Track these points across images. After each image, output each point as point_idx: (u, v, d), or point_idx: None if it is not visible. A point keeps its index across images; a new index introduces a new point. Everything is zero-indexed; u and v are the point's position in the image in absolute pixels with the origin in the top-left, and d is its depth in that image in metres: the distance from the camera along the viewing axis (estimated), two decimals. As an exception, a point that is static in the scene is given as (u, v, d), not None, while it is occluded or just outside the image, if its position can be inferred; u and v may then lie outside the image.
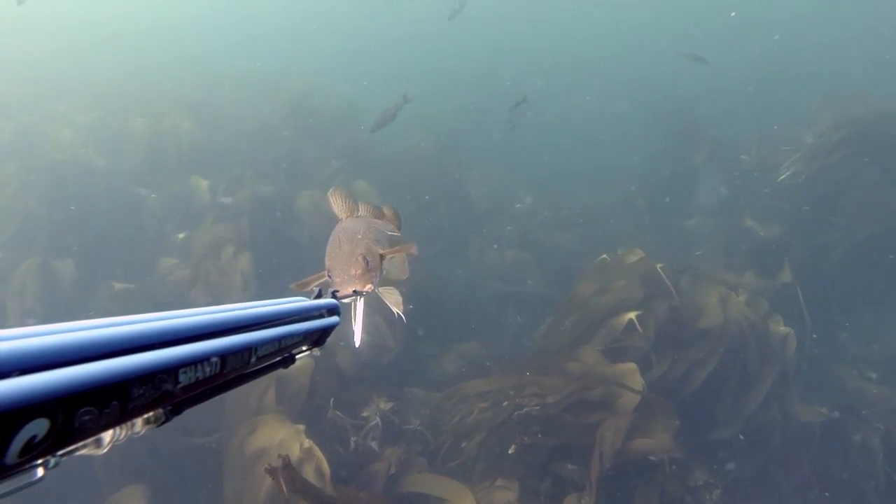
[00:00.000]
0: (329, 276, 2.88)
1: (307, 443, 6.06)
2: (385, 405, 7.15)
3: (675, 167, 13.00)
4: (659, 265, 7.62)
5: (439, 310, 9.30)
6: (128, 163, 10.58)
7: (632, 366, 6.65)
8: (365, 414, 7.02)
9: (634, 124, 15.32)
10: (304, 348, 1.36)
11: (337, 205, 3.12)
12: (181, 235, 9.60)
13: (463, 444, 6.59)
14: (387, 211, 3.29)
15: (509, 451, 6.23)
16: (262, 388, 6.75)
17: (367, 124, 10.35)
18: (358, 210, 3.24)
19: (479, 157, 13.96)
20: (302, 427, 6.20)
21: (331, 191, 3.21)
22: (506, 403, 6.38)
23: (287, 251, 9.26)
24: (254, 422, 6.37)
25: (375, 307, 8.71)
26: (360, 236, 2.91)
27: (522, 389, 6.60)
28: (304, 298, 1.45)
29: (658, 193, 12.74)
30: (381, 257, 2.92)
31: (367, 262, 2.78)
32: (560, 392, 6.38)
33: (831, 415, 7.42)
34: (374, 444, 6.76)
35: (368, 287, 2.85)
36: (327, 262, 2.86)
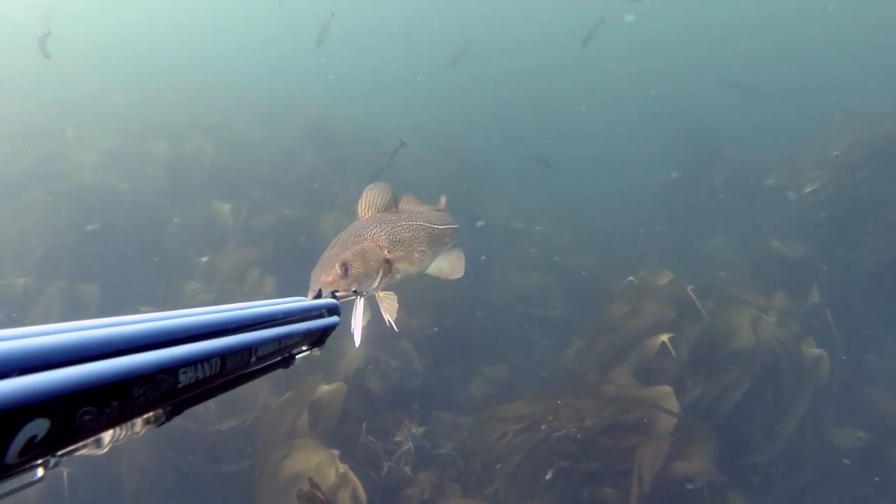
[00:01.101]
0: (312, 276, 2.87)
1: (342, 468, 6.01)
2: (416, 430, 7.09)
3: (695, 188, 13.02)
4: (689, 287, 7.59)
5: (463, 333, 9.27)
6: (150, 187, 10.62)
7: (667, 389, 6.59)
8: (397, 438, 6.95)
9: (653, 146, 15.37)
10: (304, 348, 1.37)
11: (364, 202, 3.05)
12: (204, 259, 9.59)
13: (498, 466, 6.51)
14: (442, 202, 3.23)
15: (547, 477, 6.16)
16: (295, 413, 6.71)
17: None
18: (394, 207, 3.15)
19: (498, 179, 13.99)
20: (336, 452, 6.15)
21: (369, 186, 3.16)
22: (543, 427, 6.30)
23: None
24: (288, 446, 6.32)
25: (400, 331, 8.70)
26: (360, 238, 2.86)
27: (557, 412, 6.54)
28: (303, 298, 1.46)
29: (679, 215, 12.75)
30: (388, 262, 2.87)
31: (346, 269, 2.74)
32: (598, 415, 6.32)
33: (867, 438, 7.34)
34: (407, 470, 6.70)
35: (340, 294, 2.80)
36: (319, 263, 2.84)
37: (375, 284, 2.91)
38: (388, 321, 2.99)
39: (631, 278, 8.39)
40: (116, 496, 6.72)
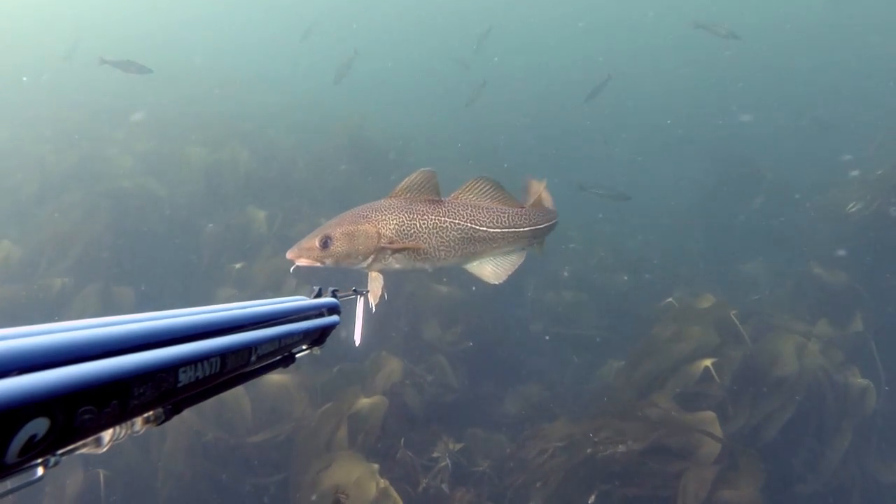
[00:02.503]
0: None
1: (382, 483, 5.96)
2: (454, 446, 7.02)
3: (731, 210, 12.94)
4: (732, 311, 7.50)
5: (497, 349, 9.22)
6: (186, 191, 10.65)
7: (710, 414, 6.49)
8: (434, 454, 6.89)
9: (689, 167, 15.31)
10: (303, 347, 1.39)
11: (404, 183, 2.96)
12: (238, 266, 9.58)
13: (538, 485, 6.43)
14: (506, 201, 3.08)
15: (590, 501, 6.07)
16: (333, 425, 6.66)
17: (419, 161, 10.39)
18: (434, 195, 3.01)
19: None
20: (376, 466, 6.10)
21: (417, 170, 3.06)
22: (586, 447, 6.21)
23: (349, 284, 9.23)
24: (328, 458, 6.28)
25: (437, 346, 8.68)
26: (363, 219, 2.82)
27: (599, 432, 6.46)
28: (303, 297, 1.45)
29: (713, 236, 12.66)
30: (383, 249, 2.82)
31: (326, 243, 2.72)
32: (642, 437, 6.23)
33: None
34: (444, 487, 6.63)
35: (303, 261, 2.79)
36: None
37: (362, 266, 2.88)
38: (372, 304, 2.94)
39: (670, 300, 8.31)
40: (151, 502, 6.69)
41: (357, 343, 2.02)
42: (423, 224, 2.91)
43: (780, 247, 11.59)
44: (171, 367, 0.84)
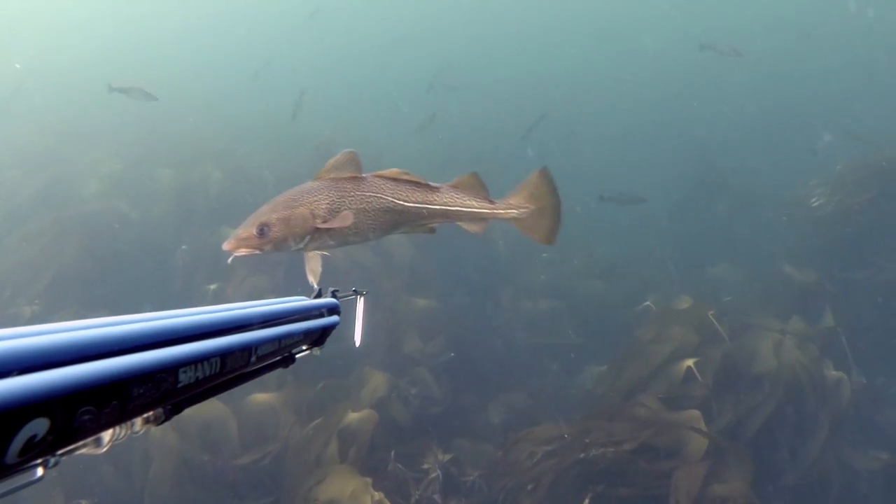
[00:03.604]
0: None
1: (377, 495, 5.94)
2: (443, 456, 7.02)
3: (700, 216, 13.23)
4: (710, 312, 7.67)
5: (478, 360, 9.25)
6: (156, 213, 10.49)
7: (696, 413, 6.62)
8: (424, 466, 6.88)
9: (655, 174, 15.61)
10: (303, 348, 1.39)
11: (329, 165, 3.02)
12: (213, 287, 9.46)
13: (529, 487, 6.45)
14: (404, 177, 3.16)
15: (585, 503, 6.11)
16: (323, 441, 6.62)
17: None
18: (359, 172, 3.08)
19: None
20: (369, 480, 6.07)
21: (342, 153, 3.13)
22: (582, 454, 6.27)
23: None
24: (321, 473, 6.22)
25: (419, 359, 8.68)
26: (295, 203, 2.88)
27: (588, 434, 6.52)
28: (303, 297, 1.47)
29: (682, 241, 12.93)
30: (318, 229, 2.89)
31: (262, 231, 2.78)
32: (631, 437, 6.31)
33: (888, 460, 7.41)
34: (436, 497, 6.62)
35: (242, 251, 2.86)
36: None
37: (300, 247, 2.95)
38: (311, 282, 3.00)
39: (648, 303, 8.46)
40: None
41: (357, 343, 1.98)
42: (351, 200, 2.98)
43: (747, 249, 11.90)
44: (172, 368, 0.85)
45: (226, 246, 2.89)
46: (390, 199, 3.01)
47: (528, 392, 8.82)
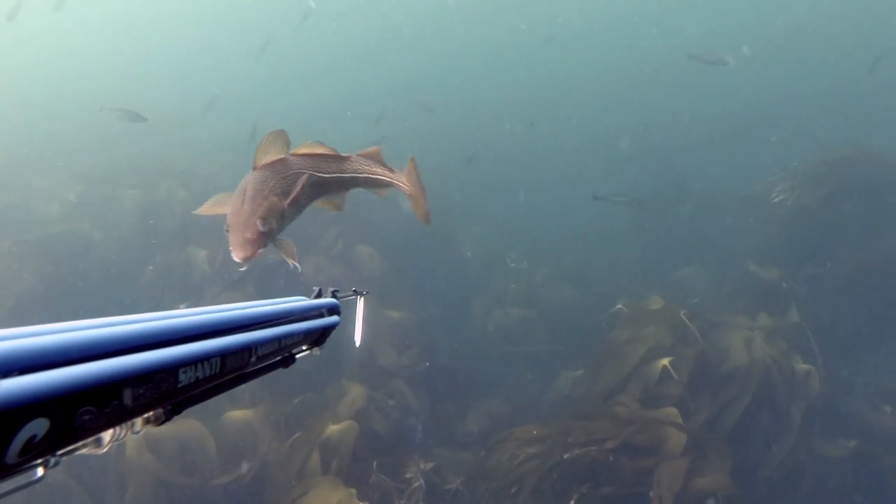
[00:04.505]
0: (226, 231, 2.90)
1: (363, 506, 5.89)
2: (425, 465, 6.99)
3: (663, 220, 13.50)
4: (682, 312, 7.82)
5: (453, 370, 9.27)
6: (121, 234, 10.31)
7: (673, 410, 6.74)
8: (407, 475, 6.84)
9: (618, 182, 15.87)
10: (304, 348, 1.39)
11: (263, 149, 3.09)
12: (182, 306, 9.28)
13: (513, 490, 6.46)
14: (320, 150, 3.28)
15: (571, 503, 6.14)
16: (304, 454, 6.54)
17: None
18: (287, 152, 3.21)
19: (467, 218, 14.15)
20: (354, 491, 6.02)
21: (270, 132, 3.22)
22: (566, 455, 6.30)
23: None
24: (304, 485, 6.15)
25: (395, 371, 8.65)
26: (266, 192, 2.94)
27: (569, 434, 6.57)
28: (304, 298, 1.47)
29: (648, 247, 13.16)
30: (286, 209, 2.96)
31: (265, 225, 2.84)
32: (613, 436, 6.38)
33: (856, 448, 7.61)
34: (421, 506, 6.58)
35: (260, 252, 2.90)
36: (228, 219, 2.82)
37: (277, 233, 3.02)
38: (293, 264, 3.07)
39: (619, 306, 8.58)
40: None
41: (357, 343, 1.98)
42: (292, 180, 3.08)
43: (712, 251, 12.17)
44: (172, 368, 0.85)
45: (240, 255, 2.84)
46: (315, 173, 3.13)
47: (505, 399, 8.87)
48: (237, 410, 7.37)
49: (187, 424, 6.85)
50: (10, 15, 13.37)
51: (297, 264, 3.06)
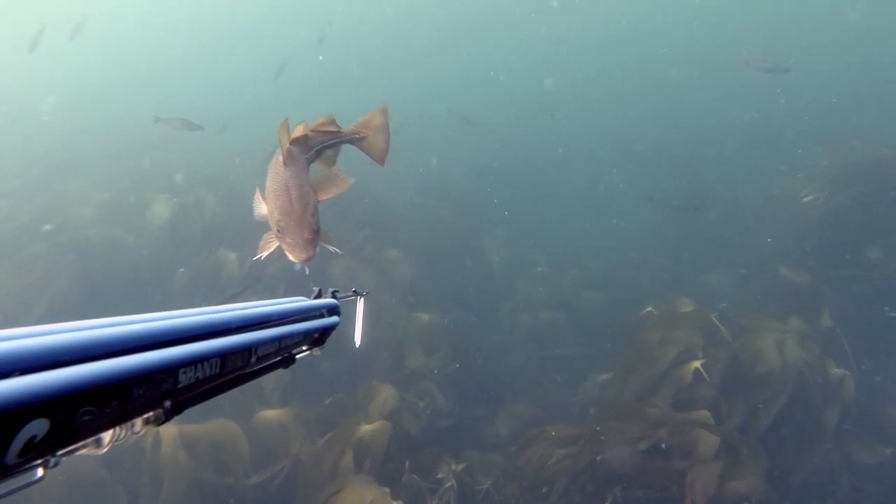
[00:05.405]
0: (279, 234, 2.87)
1: (397, 505, 5.92)
2: (457, 466, 7.00)
3: (688, 223, 13.42)
4: (713, 314, 7.77)
5: (483, 373, 9.27)
6: (153, 238, 10.45)
7: (705, 413, 6.69)
8: (439, 476, 6.86)
9: (643, 185, 15.80)
10: (304, 348, 1.39)
11: (283, 137, 3.10)
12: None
13: (544, 490, 6.44)
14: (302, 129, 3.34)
15: (604, 504, 6.11)
16: (337, 454, 6.58)
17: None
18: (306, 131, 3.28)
19: (493, 222, 14.18)
20: (387, 490, 6.05)
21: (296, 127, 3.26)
22: (598, 458, 6.28)
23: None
24: (337, 484, 6.18)
25: (424, 373, 8.67)
26: (307, 187, 2.94)
27: (601, 435, 6.55)
28: (304, 298, 1.48)
29: (674, 251, 13.09)
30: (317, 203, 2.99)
31: (317, 223, 2.84)
32: (648, 437, 6.34)
33: (892, 454, 7.50)
34: (453, 507, 6.59)
35: (315, 252, 2.90)
36: (279, 219, 2.85)
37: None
38: (334, 250, 3.12)
39: (650, 309, 8.54)
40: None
41: (357, 344, 1.98)
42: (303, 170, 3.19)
43: (739, 254, 12.06)
44: (172, 368, 0.85)
45: (302, 257, 2.85)
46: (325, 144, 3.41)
47: (533, 402, 8.86)
48: (269, 410, 7.44)
49: (220, 424, 6.93)
50: (30, 46, 13.72)
51: (337, 250, 3.10)
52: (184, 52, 39.04)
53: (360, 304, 1.93)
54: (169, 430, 6.53)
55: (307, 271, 2.76)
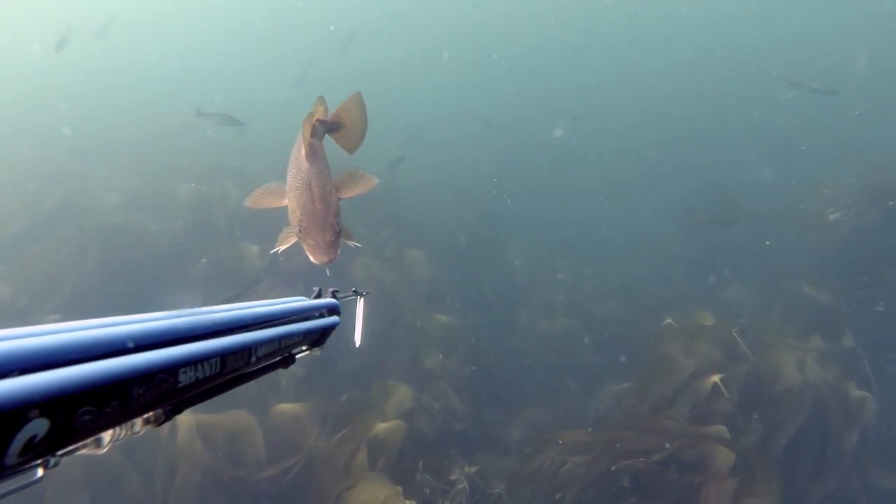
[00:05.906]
0: (300, 234, 2.83)
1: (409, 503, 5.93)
2: (469, 469, 7.00)
3: (710, 236, 13.33)
4: (733, 329, 7.71)
5: (499, 377, 9.28)
6: (177, 227, 10.54)
7: (722, 428, 6.64)
8: (451, 477, 6.86)
9: (664, 196, 15.73)
10: (304, 348, 1.39)
11: (306, 126, 3.07)
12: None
13: (557, 496, 6.43)
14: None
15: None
16: (351, 451, 6.60)
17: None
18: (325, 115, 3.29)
19: (515, 226, 14.18)
20: (400, 489, 6.06)
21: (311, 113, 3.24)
22: (613, 467, 6.26)
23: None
24: (350, 480, 6.21)
25: (440, 374, 8.68)
26: (329, 186, 2.89)
27: (617, 444, 6.52)
28: (304, 298, 1.47)
29: (696, 263, 13.00)
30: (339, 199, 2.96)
31: (339, 224, 2.81)
32: (663, 449, 6.31)
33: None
34: (465, 509, 6.59)
35: (337, 254, 2.85)
36: (301, 219, 2.81)
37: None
38: (354, 244, 3.11)
39: (669, 321, 8.49)
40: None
41: (357, 344, 1.98)
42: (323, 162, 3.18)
43: (760, 269, 11.95)
44: (172, 368, 0.85)
45: (324, 259, 2.82)
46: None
47: (548, 409, 8.84)
48: (285, 404, 7.47)
49: (237, 415, 6.97)
50: (58, 47, 13.90)
51: (358, 244, 3.10)
52: (224, 41, 39.41)
53: (360, 304, 1.93)
54: (186, 418, 6.59)
55: (328, 272, 2.76)
